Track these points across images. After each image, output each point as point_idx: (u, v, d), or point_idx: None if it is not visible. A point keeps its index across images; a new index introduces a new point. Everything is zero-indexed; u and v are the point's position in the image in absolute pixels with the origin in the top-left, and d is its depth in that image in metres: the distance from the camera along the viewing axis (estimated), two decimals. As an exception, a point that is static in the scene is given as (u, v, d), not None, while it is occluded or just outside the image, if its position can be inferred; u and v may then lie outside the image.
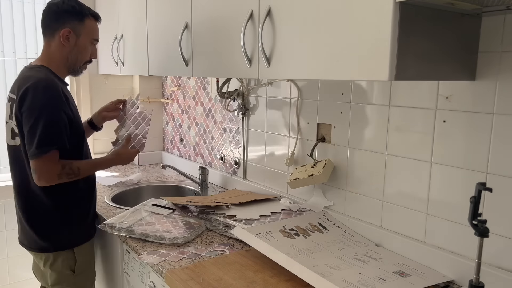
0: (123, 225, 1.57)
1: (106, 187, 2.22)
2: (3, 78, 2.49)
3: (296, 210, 1.69)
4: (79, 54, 1.62)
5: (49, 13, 1.57)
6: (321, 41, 1.10)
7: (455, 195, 1.23)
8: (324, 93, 1.63)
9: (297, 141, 1.77)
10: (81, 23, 1.59)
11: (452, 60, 1.10)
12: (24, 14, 2.55)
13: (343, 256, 1.32)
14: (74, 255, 1.66)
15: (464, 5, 1.02)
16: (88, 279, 1.75)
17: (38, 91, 1.47)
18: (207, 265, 1.32)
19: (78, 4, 1.59)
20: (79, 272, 1.68)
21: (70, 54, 1.60)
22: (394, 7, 0.91)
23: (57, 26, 1.56)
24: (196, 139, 2.50)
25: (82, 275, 1.70)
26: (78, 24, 1.58)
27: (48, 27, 1.58)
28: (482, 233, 0.98)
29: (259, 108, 1.97)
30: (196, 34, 1.62)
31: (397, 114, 1.36)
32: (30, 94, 1.47)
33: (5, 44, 2.48)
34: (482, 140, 1.15)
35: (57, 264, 1.64)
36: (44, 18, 1.58)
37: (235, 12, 1.40)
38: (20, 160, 1.57)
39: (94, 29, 1.64)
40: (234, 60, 1.42)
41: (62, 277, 1.65)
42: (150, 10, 1.94)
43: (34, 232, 1.62)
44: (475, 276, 1.01)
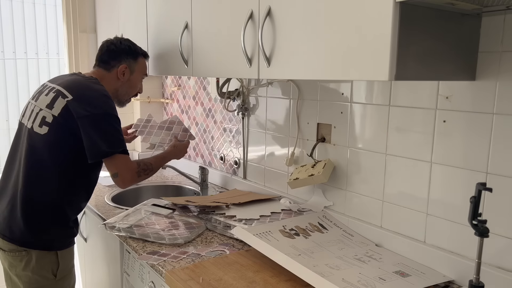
0: (123, 225, 1.57)
1: (106, 187, 2.22)
2: (3, 78, 2.49)
3: (296, 210, 1.69)
4: (130, 89, 1.80)
5: (107, 51, 1.74)
6: (321, 41, 1.10)
7: (455, 195, 1.23)
8: (324, 93, 1.63)
9: (297, 141, 1.77)
10: (135, 61, 1.77)
11: (452, 60, 1.10)
12: (24, 14, 2.55)
13: (343, 256, 1.32)
14: (57, 258, 1.60)
15: (464, 5, 1.02)
16: (69, 284, 1.69)
17: (106, 99, 1.59)
18: (207, 265, 1.32)
19: (132, 44, 1.79)
20: (60, 277, 1.62)
21: (122, 87, 1.76)
22: (394, 7, 0.91)
23: (114, 63, 1.73)
24: (196, 139, 2.50)
25: (62, 280, 1.64)
26: (133, 62, 1.76)
27: (105, 63, 1.73)
28: (482, 233, 0.98)
29: (259, 108, 1.97)
30: (196, 34, 1.62)
31: (397, 114, 1.36)
32: (98, 99, 1.57)
33: (5, 44, 2.48)
34: (482, 140, 1.15)
35: (39, 266, 1.57)
36: (102, 54, 1.75)
37: (235, 12, 1.40)
38: (37, 149, 1.56)
39: (145, 66, 1.84)
40: (234, 60, 1.42)
41: (43, 281, 1.59)
42: (150, 10, 1.94)
43: (24, 223, 1.54)
44: (475, 276, 1.01)
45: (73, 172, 1.58)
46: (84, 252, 2.14)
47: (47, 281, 1.58)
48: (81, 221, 2.08)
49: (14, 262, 1.58)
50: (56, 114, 1.54)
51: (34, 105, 1.61)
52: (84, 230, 2.10)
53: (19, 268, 1.57)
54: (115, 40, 1.77)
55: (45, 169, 1.55)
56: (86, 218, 2.07)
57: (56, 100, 1.55)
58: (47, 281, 1.58)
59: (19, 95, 2.94)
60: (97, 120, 1.53)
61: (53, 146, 1.55)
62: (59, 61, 3.11)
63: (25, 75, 2.98)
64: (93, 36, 2.64)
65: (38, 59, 2.94)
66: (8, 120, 2.99)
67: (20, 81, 2.97)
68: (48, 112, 1.55)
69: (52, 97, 1.57)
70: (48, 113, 1.55)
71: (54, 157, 1.55)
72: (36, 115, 1.58)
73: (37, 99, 1.62)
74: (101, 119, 1.54)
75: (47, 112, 1.56)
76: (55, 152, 1.55)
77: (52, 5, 2.82)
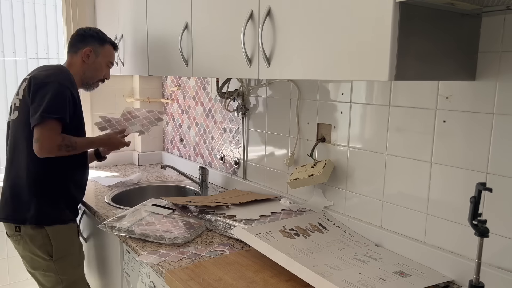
0: (123, 225, 1.57)
1: (106, 187, 2.22)
2: (3, 78, 2.49)
3: (296, 210, 1.69)
4: (95, 72, 1.88)
5: (76, 36, 1.87)
6: (321, 41, 1.10)
7: (455, 195, 1.23)
8: (324, 93, 1.63)
9: (297, 141, 1.77)
10: (101, 46, 1.88)
11: (452, 60, 1.10)
12: (24, 14, 2.55)
13: (343, 256, 1.32)
14: (49, 240, 1.69)
15: (464, 5, 1.02)
16: (71, 264, 1.76)
17: (54, 71, 1.71)
18: (207, 265, 1.32)
19: (101, 32, 1.91)
20: (58, 257, 1.71)
21: (88, 70, 1.86)
22: (394, 7, 0.91)
23: (81, 46, 1.84)
24: (196, 139, 2.50)
25: (61, 260, 1.73)
26: (99, 47, 1.87)
27: (73, 46, 1.86)
28: (482, 233, 0.98)
29: (259, 108, 1.97)
30: (196, 34, 1.62)
31: (397, 114, 1.36)
32: (45, 73, 1.68)
33: (5, 44, 2.48)
34: (482, 140, 1.15)
35: (34, 247, 1.68)
36: (71, 39, 1.88)
37: (235, 12, 1.40)
38: (13, 133, 1.72)
39: (111, 54, 1.94)
40: (234, 60, 1.42)
41: (42, 261, 1.70)
42: (150, 10, 1.94)
43: (14, 202, 1.70)
44: (475, 276, 1.01)
45: None
46: (84, 252, 2.14)
47: (45, 261, 1.69)
48: (81, 221, 2.09)
49: (15, 245, 1.74)
50: (21, 97, 1.68)
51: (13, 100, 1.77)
52: (84, 230, 2.10)
53: (20, 251, 1.74)
54: (85, 27, 1.91)
55: (21, 148, 1.68)
56: (86, 218, 2.07)
57: (22, 84, 1.72)
58: (45, 261, 1.69)
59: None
60: (42, 87, 1.63)
61: (21, 126, 1.67)
62: (59, 61, 3.11)
63: (25, 75, 2.98)
64: (93, 36, 2.63)
65: (38, 59, 2.94)
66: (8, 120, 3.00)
67: (20, 81, 2.98)
68: (16, 98, 1.72)
69: (22, 86, 1.72)
70: (16, 98, 1.72)
71: (26, 135, 1.65)
72: (11, 107, 1.75)
73: (17, 94, 1.76)
74: (45, 86, 1.63)
75: (16, 98, 1.72)
76: (24, 131, 1.66)
77: (52, 5, 2.82)
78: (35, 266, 1.72)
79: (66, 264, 1.74)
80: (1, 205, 1.75)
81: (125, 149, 2.82)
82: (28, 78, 1.69)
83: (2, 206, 1.74)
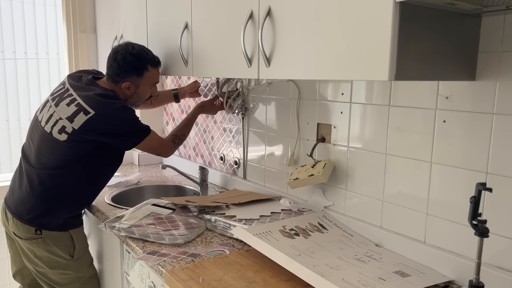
0: (123, 225, 1.57)
1: (106, 187, 2.22)
2: (3, 78, 2.49)
3: (296, 210, 1.69)
4: (138, 98, 1.86)
5: (111, 67, 1.77)
6: (321, 41, 1.10)
7: (455, 195, 1.23)
8: (324, 93, 1.63)
9: (297, 141, 1.77)
10: (140, 77, 1.79)
11: (452, 60, 1.10)
12: (24, 14, 2.55)
13: (343, 256, 1.32)
14: (73, 241, 1.77)
15: (464, 5, 1.02)
16: (86, 263, 1.85)
17: (124, 111, 1.71)
18: (207, 265, 1.32)
19: (137, 59, 1.76)
20: (77, 257, 1.79)
21: (130, 98, 1.83)
22: (394, 7, 0.91)
23: (119, 79, 1.78)
24: (196, 139, 2.50)
25: (80, 260, 1.80)
26: (137, 78, 1.79)
27: (111, 77, 1.79)
28: (482, 233, 0.98)
29: (259, 108, 1.97)
30: (196, 34, 1.62)
31: (397, 114, 1.36)
32: (117, 116, 1.68)
33: (5, 44, 2.48)
34: (482, 140, 1.15)
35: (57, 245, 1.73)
36: (108, 68, 1.79)
37: (235, 12, 1.40)
38: (55, 151, 1.70)
39: (153, 76, 1.83)
40: (234, 60, 1.42)
41: (62, 260, 1.76)
42: (150, 10, 1.94)
43: (42, 208, 1.71)
44: (475, 276, 1.01)
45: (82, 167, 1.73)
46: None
47: (66, 261, 1.76)
48: (81, 221, 2.09)
49: (31, 247, 1.73)
50: (77, 127, 1.64)
51: (54, 111, 1.71)
52: (84, 230, 2.10)
53: (37, 252, 1.74)
54: (120, 57, 1.75)
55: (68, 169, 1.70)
56: (86, 218, 2.07)
57: (77, 115, 1.65)
58: (66, 261, 1.76)
59: (19, 95, 2.94)
60: (120, 134, 1.70)
61: (68, 151, 1.68)
62: (59, 61, 3.11)
63: (25, 75, 2.98)
64: (93, 36, 2.64)
65: (38, 59, 2.94)
66: (8, 120, 2.99)
67: (20, 81, 2.98)
68: (69, 124, 1.65)
69: (73, 110, 1.66)
70: (69, 124, 1.65)
71: (69, 158, 1.69)
72: (56, 122, 1.68)
73: (57, 105, 1.71)
74: (122, 133, 1.70)
75: (67, 123, 1.65)
76: (70, 155, 1.68)
77: (52, 5, 2.82)
78: (53, 265, 1.75)
79: (83, 263, 1.82)
80: (25, 209, 1.72)
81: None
82: (91, 115, 1.63)
83: (27, 210, 1.72)
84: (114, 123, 1.67)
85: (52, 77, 3.14)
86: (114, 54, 1.77)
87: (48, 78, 3.19)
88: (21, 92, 3.05)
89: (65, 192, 1.73)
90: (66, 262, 1.76)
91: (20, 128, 3.07)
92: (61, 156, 1.69)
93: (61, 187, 1.71)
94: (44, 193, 1.70)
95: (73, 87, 1.74)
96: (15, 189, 1.77)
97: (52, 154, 1.69)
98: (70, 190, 1.73)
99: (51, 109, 1.71)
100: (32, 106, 3.11)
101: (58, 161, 1.70)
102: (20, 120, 3.09)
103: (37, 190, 1.70)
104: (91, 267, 1.88)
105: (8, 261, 2.44)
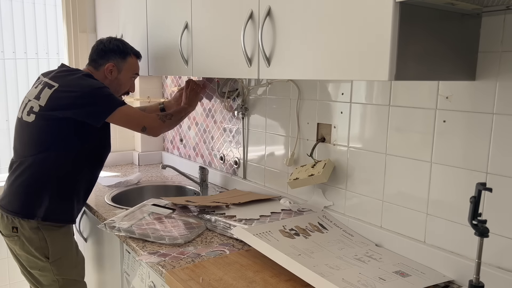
0: (123, 225, 1.57)
1: (106, 187, 2.22)
2: (3, 78, 2.49)
3: (296, 210, 1.69)
4: (118, 87, 1.84)
5: (96, 50, 1.80)
6: (321, 41, 1.10)
7: (455, 195, 1.23)
8: (324, 93, 1.63)
9: (297, 141, 1.77)
10: (123, 61, 1.81)
11: (452, 60, 1.10)
12: (24, 14, 2.55)
13: (343, 256, 1.32)
14: (46, 243, 1.67)
15: (464, 5, 1.02)
16: (67, 265, 1.74)
17: (89, 78, 1.69)
18: (207, 265, 1.32)
19: (123, 44, 1.83)
20: (55, 259, 1.70)
21: (110, 86, 1.77)
22: (394, 7, 0.91)
23: (102, 62, 1.79)
24: (196, 139, 2.50)
25: (59, 261, 1.71)
26: (121, 61, 1.81)
27: (94, 61, 1.80)
28: (482, 233, 0.98)
29: (259, 108, 1.97)
30: (196, 34, 1.62)
31: (397, 114, 1.36)
32: (80, 80, 1.65)
33: (5, 44, 2.48)
34: (482, 140, 1.15)
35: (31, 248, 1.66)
36: (92, 53, 1.81)
37: (235, 12, 1.40)
38: (27, 135, 1.67)
39: (135, 65, 1.87)
40: (234, 60, 1.42)
41: (40, 262, 1.69)
42: (150, 10, 1.94)
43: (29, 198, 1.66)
44: (475, 276, 1.01)
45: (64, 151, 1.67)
46: (84, 252, 2.14)
47: (42, 262, 1.69)
48: (81, 221, 2.09)
49: (11, 244, 1.72)
50: (43, 104, 1.62)
51: (27, 99, 1.71)
52: (84, 230, 2.10)
53: (16, 250, 1.71)
54: (106, 40, 1.82)
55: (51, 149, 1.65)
56: (86, 218, 2.07)
57: (42, 91, 1.65)
58: (42, 262, 1.69)
59: (19, 95, 2.94)
60: (85, 96, 1.61)
61: (49, 129, 1.64)
62: (59, 61, 3.11)
63: (25, 75, 2.98)
64: (93, 36, 2.63)
65: (38, 59, 2.94)
66: (8, 120, 2.99)
67: (20, 81, 2.98)
68: (36, 103, 1.65)
69: (39, 89, 1.67)
70: (36, 103, 1.65)
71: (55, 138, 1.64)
72: (25, 105, 1.69)
73: (28, 93, 1.73)
74: (89, 93, 1.62)
75: (34, 102, 1.65)
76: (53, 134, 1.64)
77: (52, 5, 2.82)
78: (31, 265, 1.72)
79: (62, 265, 1.73)
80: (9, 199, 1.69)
81: (125, 149, 2.84)
82: (55, 87, 1.63)
83: (11, 201, 1.68)
84: (78, 90, 1.61)
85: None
86: (98, 41, 1.84)
87: (48, 78, 3.18)
88: (21, 92, 3.05)
89: (43, 181, 1.65)
90: (42, 263, 1.69)
91: (20, 128, 3.07)
92: (34, 140, 1.65)
93: (40, 174, 1.65)
94: (25, 181, 1.66)
95: (44, 75, 1.76)
96: (5, 187, 1.74)
97: (28, 139, 1.66)
98: (49, 178, 1.66)
99: (25, 100, 1.72)
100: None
101: (33, 146, 1.65)
102: (20, 120, 3.09)
103: (20, 180, 1.66)
104: (74, 270, 1.78)
105: (8, 261, 2.45)
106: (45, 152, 1.65)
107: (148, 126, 1.74)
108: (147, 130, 1.74)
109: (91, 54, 1.82)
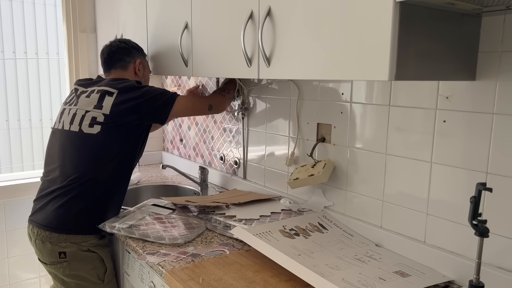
0: (123, 225, 1.57)
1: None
2: (3, 78, 2.49)
3: (296, 210, 1.69)
4: (145, 84, 1.86)
5: (119, 49, 1.79)
6: (321, 41, 1.10)
7: (455, 195, 1.23)
8: (324, 93, 1.63)
9: (297, 141, 1.77)
10: (144, 57, 1.88)
11: (452, 60, 1.10)
12: (24, 14, 2.55)
13: (343, 256, 1.32)
14: (103, 262, 1.64)
15: (464, 5, 1.02)
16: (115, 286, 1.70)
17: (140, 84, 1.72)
18: (207, 265, 1.32)
19: (135, 43, 1.87)
20: (108, 281, 1.65)
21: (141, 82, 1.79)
22: (394, 7, 0.91)
23: (129, 60, 1.80)
24: (196, 139, 2.50)
25: (110, 284, 1.66)
26: (143, 58, 1.87)
27: (120, 61, 1.79)
28: (482, 233, 0.98)
29: (259, 108, 1.97)
30: (196, 34, 1.62)
31: (397, 114, 1.36)
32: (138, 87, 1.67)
33: (5, 44, 2.48)
34: (482, 140, 1.15)
35: (84, 268, 1.59)
36: (115, 52, 1.78)
37: (235, 12, 1.40)
38: (90, 147, 1.60)
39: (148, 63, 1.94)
40: (234, 60, 1.42)
41: (91, 285, 1.61)
42: (150, 10, 1.94)
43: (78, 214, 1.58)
44: (475, 276, 1.01)
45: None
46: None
47: (94, 285, 1.62)
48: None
49: (54, 272, 1.61)
50: (108, 112, 1.60)
51: (76, 109, 1.65)
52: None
53: (62, 276, 1.60)
54: (119, 43, 1.81)
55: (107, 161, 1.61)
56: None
57: (103, 99, 1.62)
58: (94, 285, 1.62)
59: (19, 95, 2.94)
60: (144, 95, 1.63)
61: (107, 140, 1.60)
62: (59, 61, 3.12)
63: (25, 75, 2.98)
64: (93, 36, 2.64)
65: (38, 59, 2.94)
66: (8, 120, 2.99)
67: (20, 81, 2.98)
68: (98, 112, 1.61)
69: (97, 97, 1.63)
70: (98, 113, 1.61)
71: (112, 150, 1.61)
72: (83, 117, 1.62)
73: (77, 104, 1.67)
74: (146, 92, 1.64)
75: (96, 112, 1.61)
76: (110, 146, 1.60)
77: (52, 5, 2.82)
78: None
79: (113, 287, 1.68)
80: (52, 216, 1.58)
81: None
82: (115, 93, 1.62)
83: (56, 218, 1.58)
84: (135, 92, 1.63)
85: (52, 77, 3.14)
86: (110, 47, 1.80)
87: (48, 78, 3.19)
88: (21, 92, 3.05)
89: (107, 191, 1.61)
90: (95, 287, 1.61)
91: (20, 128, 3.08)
92: (99, 152, 1.59)
93: (97, 186, 1.59)
94: (85, 198, 1.58)
95: (84, 85, 1.73)
96: (41, 207, 1.61)
97: (91, 152, 1.59)
98: (105, 190, 1.61)
99: (72, 110, 1.64)
100: (32, 106, 3.12)
101: (97, 159, 1.59)
102: (20, 120, 3.10)
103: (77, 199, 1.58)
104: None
105: (8, 261, 2.45)
106: (110, 163, 1.61)
107: (213, 103, 1.81)
108: (213, 108, 1.81)
109: (112, 56, 1.78)
